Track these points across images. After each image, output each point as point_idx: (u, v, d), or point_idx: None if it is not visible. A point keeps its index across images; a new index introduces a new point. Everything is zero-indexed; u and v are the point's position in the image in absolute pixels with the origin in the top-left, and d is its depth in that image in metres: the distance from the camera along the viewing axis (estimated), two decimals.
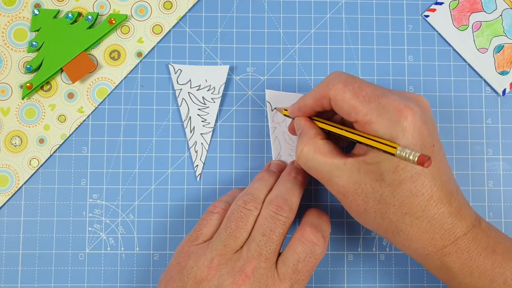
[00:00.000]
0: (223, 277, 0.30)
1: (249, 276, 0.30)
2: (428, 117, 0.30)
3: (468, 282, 0.30)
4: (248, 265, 0.30)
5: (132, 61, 0.40)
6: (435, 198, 0.29)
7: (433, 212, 0.29)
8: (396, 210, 0.29)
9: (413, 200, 0.29)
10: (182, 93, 0.39)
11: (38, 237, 0.38)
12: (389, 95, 0.29)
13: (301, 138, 0.33)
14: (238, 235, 0.31)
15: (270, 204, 0.32)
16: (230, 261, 0.31)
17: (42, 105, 0.39)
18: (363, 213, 0.30)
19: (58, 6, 0.40)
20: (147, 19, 0.40)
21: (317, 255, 0.31)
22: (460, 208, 0.30)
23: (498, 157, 0.39)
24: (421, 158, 0.25)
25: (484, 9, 0.40)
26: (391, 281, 0.38)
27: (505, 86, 0.40)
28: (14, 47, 0.39)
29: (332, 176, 0.30)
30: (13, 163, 0.39)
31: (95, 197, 0.39)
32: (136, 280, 0.38)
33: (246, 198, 0.32)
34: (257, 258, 0.30)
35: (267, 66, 0.40)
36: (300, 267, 0.31)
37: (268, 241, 0.31)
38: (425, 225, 0.29)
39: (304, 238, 0.31)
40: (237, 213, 0.32)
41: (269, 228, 0.31)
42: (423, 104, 0.30)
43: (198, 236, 0.33)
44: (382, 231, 0.31)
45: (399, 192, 0.29)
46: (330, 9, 0.40)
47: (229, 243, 0.31)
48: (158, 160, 0.39)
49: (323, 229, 0.32)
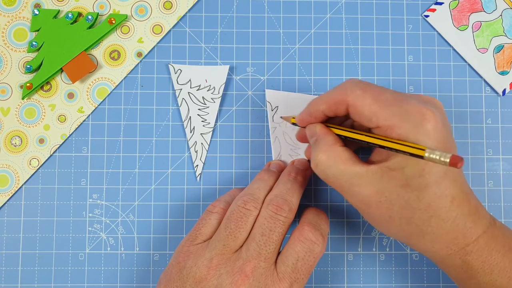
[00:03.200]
0: (222, 276, 0.30)
1: (249, 275, 0.30)
2: (446, 119, 0.30)
3: (487, 280, 0.30)
4: (247, 265, 0.30)
5: (132, 61, 0.40)
6: (457, 198, 0.29)
7: (456, 212, 0.29)
8: (421, 214, 0.29)
9: (438, 203, 0.29)
10: (182, 93, 0.39)
11: (38, 237, 0.38)
12: (409, 99, 0.29)
13: (318, 145, 0.31)
14: (237, 234, 0.31)
15: (269, 204, 0.32)
16: (229, 260, 0.31)
17: (42, 105, 0.39)
18: (387, 221, 0.30)
19: (58, 6, 0.40)
20: (147, 19, 0.40)
21: (316, 253, 0.31)
22: (477, 207, 0.30)
23: (498, 157, 0.39)
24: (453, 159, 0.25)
25: (484, 9, 0.40)
26: (391, 281, 0.38)
27: (505, 86, 0.40)
28: (14, 47, 0.39)
29: (353, 185, 0.30)
30: (13, 163, 0.39)
31: (95, 197, 0.39)
32: (136, 280, 0.38)
33: (246, 198, 0.32)
34: (256, 258, 0.30)
35: (267, 66, 0.40)
36: (300, 265, 0.31)
37: (268, 241, 0.31)
38: (449, 226, 0.29)
39: (303, 237, 0.31)
40: (236, 213, 0.32)
41: (268, 228, 0.31)
42: (440, 107, 0.30)
43: (197, 235, 0.33)
44: (406, 236, 0.31)
45: (425, 196, 0.28)
46: (330, 9, 0.40)
47: (229, 243, 0.31)
48: (158, 160, 0.39)
49: (322, 228, 0.32)
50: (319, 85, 0.39)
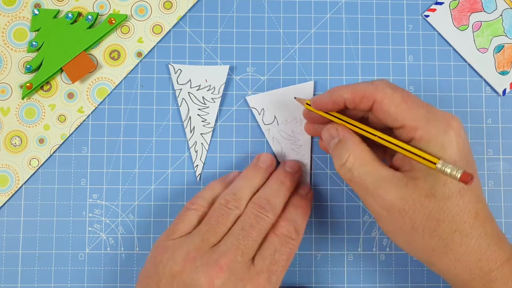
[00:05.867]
0: (198, 269, 0.30)
1: (224, 269, 0.30)
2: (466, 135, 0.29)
3: None
4: (223, 258, 0.30)
5: (132, 61, 0.40)
6: (481, 215, 0.28)
7: (480, 230, 0.28)
8: (445, 227, 0.28)
9: (462, 216, 0.28)
10: (182, 93, 0.39)
11: (38, 237, 0.38)
12: (435, 108, 0.29)
13: (343, 145, 0.30)
14: (217, 229, 0.32)
15: (254, 203, 0.32)
16: (206, 254, 0.30)
17: (42, 105, 0.39)
18: (409, 232, 0.29)
19: (58, 6, 0.40)
20: (147, 19, 0.40)
21: (292, 246, 0.32)
22: (499, 231, 0.30)
23: (498, 157, 0.39)
24: (464, 175, 0.25)
25: (484, 9, 0.40)
26: (391, 281, 0.38)
27: (505, 86, 0.40)
28: (14, 47, 0.39)
29: (378, 188, 0.29)
30: (13, 163, 0.39)
31: (95, 197, 0.39)
32: (136, 280, 0.38)
33: (229, 198, 0.33)
34: (233, 252, 0.30)
35: (267, 66, 0.40)
36: (277, 257, 0.31)
37: (247, 236, 0.31)
38: (473, 244, 0.28)
39: (279, 231, 0.32)
40: (218, 210, 0.32)
41: (249, 223, 0.31)
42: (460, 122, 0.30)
43: (174, 231, 0.33)
44: (428, 252, 0.29)
45: (449, 207, 0.28)
46: (330, 9, 0.40)
47: (207, 237, 0.31)
48: (158, 160, 0.39)
49: (298, 223, 0.33)
50: (319, 85, 0.39)
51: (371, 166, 0.29)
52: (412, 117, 0.28)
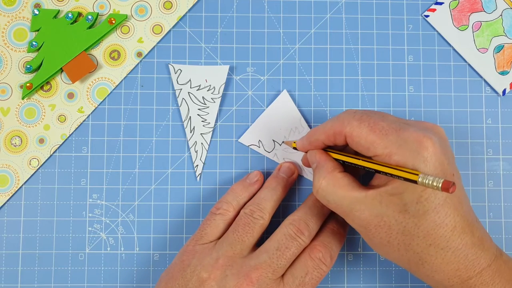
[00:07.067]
0: (227, 278, 0.31)
1: (254, 282, 0.31)
2: (447, 146, 0.30)
3: None
4: (254, 272, 0.31)
5: (132, 61, 0.40)
6: (459, 228, 0.29)
7: (457, 242, 0.29)
8: (420, 242, 0.29)
9: (437, 231, 0.28)
10: (182, 93, 0.39)
11: (38, 237, 0.38)
12: (406, 127, 0.29)
13: (318, 171, 0.32)
14: (244, 239, 0.32)
15: (292, 224, 0.33)
16: (236, 263, 0.32)
17: (42, 105, 0.39)
18: (386, 246, 0.30)
19: (58, 6, 0.40)
20: (147, 19, 0.40)
21: (323, 271, 0.33)
22: (482, 238, 0.30)
23: (498, 157, 0.39)
24: (445, 184, 0.25)
25: (484, 9, 0.40)
26: (391, 281, 0.38)
27: (505, 86, 0.40)
28: (14, 47, 0.39)
29: (353, 210, 0.30)
30: (13, 163, 0.39)
31: (95, 197, 0.39)
32: (136, 280, 0.38)
33: (253, 208, 0.34)
34: (265, 268, 0.31)
35: (267, 66, 0.40)
36: (307, 280, 0.32)
37: (281, 256, 0.32)
38: (450, 256, 0.29)
39: (313, 254, 0.33)
40: (244, 219, 0.33)
41: (285, 245, 0.32)
42: (441, 134, 0.30)
43: (202, 235, 0.34)
44: (405, 262, 0.30)
45: (423, 223, 0.28)
46: (330, 9, 0.40)
47: (236, 246, 0.32)
48: (158, 160, 0.39)
49: (333, 248, 0.33)
50: (319, 85, 0.39)
51: (344, 191, 0.30)
52: (383, 145, 0.29)
